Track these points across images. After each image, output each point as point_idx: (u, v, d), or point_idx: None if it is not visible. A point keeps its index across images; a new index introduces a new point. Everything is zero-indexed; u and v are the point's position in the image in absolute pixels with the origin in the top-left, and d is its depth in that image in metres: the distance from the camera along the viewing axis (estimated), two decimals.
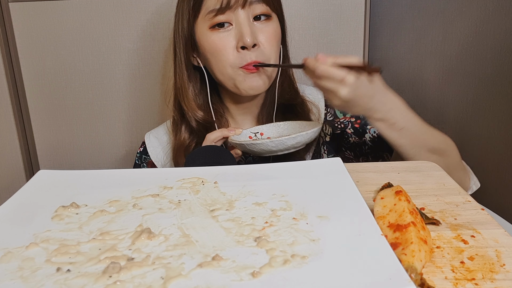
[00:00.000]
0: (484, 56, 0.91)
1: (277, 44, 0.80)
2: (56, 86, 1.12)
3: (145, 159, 0.93)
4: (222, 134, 0.78)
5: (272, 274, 0.34)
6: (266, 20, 0.78)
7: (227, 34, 0.77)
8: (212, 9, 0.75)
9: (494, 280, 0.35)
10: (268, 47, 0.78)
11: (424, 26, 1.05)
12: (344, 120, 0.88)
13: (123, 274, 0.35)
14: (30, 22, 1.07)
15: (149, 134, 0.94)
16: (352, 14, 1.05)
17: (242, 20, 0.76)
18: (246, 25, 0.75)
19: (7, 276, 0.36)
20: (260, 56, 0.77)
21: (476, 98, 0.95)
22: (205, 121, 0.84)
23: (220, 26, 0.76)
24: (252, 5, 0.76)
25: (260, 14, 0.77)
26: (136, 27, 1.08)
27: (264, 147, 0.71)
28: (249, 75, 0.78)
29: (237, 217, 0.44)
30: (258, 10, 0.77)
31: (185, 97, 0.84)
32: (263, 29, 0.78)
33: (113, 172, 0.56)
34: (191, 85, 0.85)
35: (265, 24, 0.78)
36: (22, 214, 0.46)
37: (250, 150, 0.73)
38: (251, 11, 0.76)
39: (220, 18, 0.76)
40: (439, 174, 0.57)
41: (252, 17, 0.77)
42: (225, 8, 0.75)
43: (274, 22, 0.80)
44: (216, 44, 0.77)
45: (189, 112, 0.84)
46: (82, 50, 1.09)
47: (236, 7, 0.75)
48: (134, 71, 1.11)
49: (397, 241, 0.38)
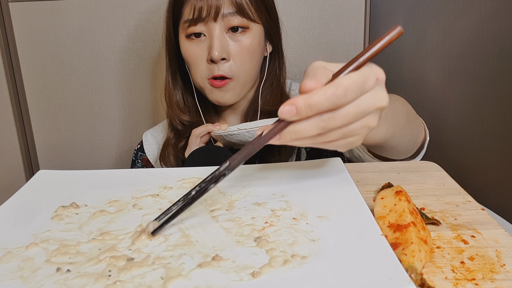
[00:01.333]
0: (484, 56, 0.91)
1: (249, 58, 0.78)
2: (56, 86, 1.12)
3: (140, 155, 0.94)
4: (207, 129, 0.78)
5: (272, 274, 0.34)
6: (242, 32, 0.76)
7: (200, 44, 0.76)
8: (187, 19, 0.75)
9: (494, 280, 0.35)
10: (238, 61, 0.76)
11: (424, 26, 1.05)
12: None
13: (123, 274, 0.35)
14: (30, 22, 1.07)
15: (147, 133, 0.96)
16: (352, 14, 1.05)
17: (214, 32, 0.74)
18: (217, 38, 0.74)
19: (7, 276, 0.36)
20: (227, 71, 0.76)
21: (476, 98, 0.95)
22: (191, 123, 0.85)
23: (196, 36, 0.76)
24: (227, 18, 0.74)
25: (236, 26, 0.75)
26: (136, 27, 1.08)
27: (241, 138, 0.71)
28: (215, 89, 0.78)
29: (237, 217, 0.44)
30: (234, 22, 0.75)
31: (169, 102, 0.85)
32: (236, 42, 0.76)
33: (113, 172, 0.56)
34: (177, 86, 0.85)
35: (241, 37, 0.76)
36: (22, 214, 0.46)
37: (228, 141, 0.73)
38: (225, 23, 0.75)
39: (193, 29, 0.75)
40: (439, 174, 0.57)
41: (226, 29, 0.75)
42: (197, 20, 0.74)
43: (252, 33, 0.77)
44: (190, 53, 0.77)
45: (174, 116, 0.84)
46: (82, 50, 1.09)
47: (208, 20, 0.74)
48: (134, 71, 1.11)
49: (397, 241, 0.38)
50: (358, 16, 1.05)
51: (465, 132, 0.97)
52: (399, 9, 1.08)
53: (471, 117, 0.96)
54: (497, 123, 0.91)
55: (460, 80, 0.98)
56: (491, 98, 0.92)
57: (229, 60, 0.76)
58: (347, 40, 1.06)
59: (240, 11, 0.74)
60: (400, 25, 0.44)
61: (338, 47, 1.07)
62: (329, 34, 1.06)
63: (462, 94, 0.98)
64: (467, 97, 0.97)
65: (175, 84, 0.85)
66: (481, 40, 0.91)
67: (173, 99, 0.85)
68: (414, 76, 1.09)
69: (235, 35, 0.76)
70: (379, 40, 0.41)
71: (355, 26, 1.05)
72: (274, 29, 0.82)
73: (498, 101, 0.90)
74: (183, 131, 0.85)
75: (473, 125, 0.96)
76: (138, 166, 0.94)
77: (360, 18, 1.05)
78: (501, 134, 0.89)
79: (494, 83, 0.90)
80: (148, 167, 0.93)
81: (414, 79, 1.09)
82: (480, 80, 0.93)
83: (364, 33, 1.06)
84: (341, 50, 1.07)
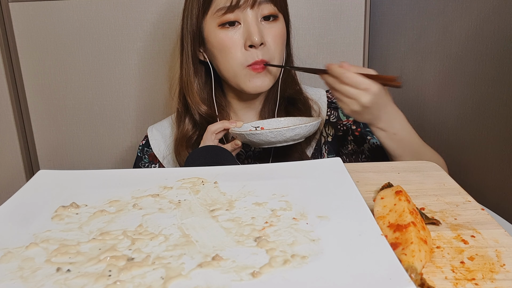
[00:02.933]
0: (484, 56, 0.91)
1: (282, 44, 0.82)
2: (56, 86, 1.12)
3: (147, 151, 0.94)
4: (223, 126, 0.79)
5: (272, 274, 0.34)
6: (273, 20, 0.80)
7: (235, 32, 0.78)
8: (222, 7, 0.76)
9: (494, 280, 0.35)
10: (274, 46, 0.80)
11: (424, 26, 1.05)
12: (347, 123, 0.90)
13: (123, 274, 0.35)
14: (30, 22, 1.07)
15: (152, 128, 0.95)
16: (352, 14, 1.05)
17: (251, 19, 0.77)
18: (254, 24, 0.77)
19: (7, 276, 0.36)
20: (266, 55, 0.79)
21: (476, 98, 0.95)
22: (208, 115, 0.86)
23: (230, 25, 0.78)
24: (261, 5, 0.78)
25: (268, 15, 0.79)
26: (135, 27, 1.08)
27: (263, 138, 0.72)
28: (255, 75, 0.79)
29: (237, 217, 0.44)
30: (266, 11, 0.78)
31: (190, 91, 0.85)
32: (270, 29, 0.79)
33: (113, 172, 0.56)
34: (197, 79, 0.86)
35: (272, 25, 0.80)
36: (22, 214, 0.46)
37: (250, 140, 0.74)
38: (260, 11, 0.78)
39: (229, 17, 0.77)
40: (439, 174, 0.57)
41: (260, 17, 0.78)
42: (234, 7, 0.76)
43: (281, 22, 0.81)
44: (224, 41, 0.78)
45: (193, 105, 0.85)
46: (82, 50, 1.09)
47: (245, 6, 0.76)
48: (134, 71, 1.11)
49: (397, 241, 0.38)
50: (358, 16, 1.05)
51: (465, 132, 0.97)
52: (399, 9, 1.08)
53: (470, 117, 0.96)
54: (497, 123, 0.91)
55: (459, 80, 0.98)
56: (491, 98, 0.92)
57: (265, 45, 0.79)
58: (347, 40, 1.06)
59: (273, 0, 0.79)
60: (400, 79, 0.67)
61: (338, 47, 1.07)
62: (329, 34, 1.06)
63: (462, 94, 0.98)
64: (467, 97, 0.97)
65: (196, 75, 0.86)
66: (480, 40, 0.91)
67: (194, 89, 0.85)
68: (414, 76, 1.09)
69: (267, 23, 0.80)
70: (380, 76, 0.68)
71: (355, 26, 1.05)
72: (288, 23, 0.86)
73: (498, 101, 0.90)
74: (200, 122, 0.86)
75: (473, 125, 0.96)
76: (145, 162, 0.93)
77: (360, 18, 1.05)
78: (501, 134, 0.89)
79: (494, 83, 0.90)
80: (155, 163, 0.92)
81: (414, 79, 1.09)
82: (480, 80, 0.93)
83: (364, 33, 1.06)
84: (341, 50, 1.07)
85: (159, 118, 1.12)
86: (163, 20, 1.06)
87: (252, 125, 0.84)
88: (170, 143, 0.91)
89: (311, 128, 0.73)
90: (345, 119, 0.90)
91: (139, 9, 1.06)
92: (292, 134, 0.72)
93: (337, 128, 0.90)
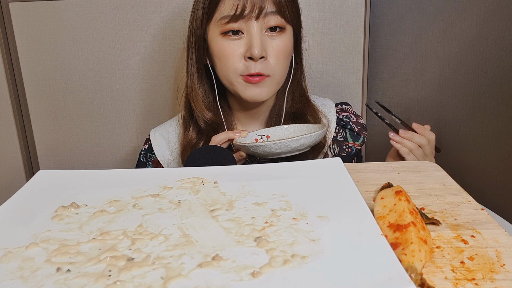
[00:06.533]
0: (484, 56, 0.91)
1: (285, 58, 0.79)
2: (56, 86, 1.12)
3: (150, 157, 0.92)
4: (227, 137, 0.78)
5: (272, 274, 0.34)
6: (279, 32, 0.77)
7: (236, 42, 0.76)
8: (226, 15, 0.74)
9: (494, 280, 0.35)
10: (275, 61, 0.77)
11: (424, 26, 1.05)
12: (352, 146, 0.89)
13: (123, 274, 0.35)
14: (30, 22, 1.07)
15: (155, 131, 0.93)
16: (352, 14, 1.04)
17: (255, 31, 0.74)
18: (257, 36, 0.74)
19: (7, 276, 0.36)
20: (265, 69, 0.76)
21: (476, 98, 0.95)
22: (213, 122, 0.84)
23: (233, 33, 0.76)
24: (267, 17, 0.74)
25: (275, 26, 0.76)
26: (135, 27, 1.08)
27: (267, 149, 0.71)
28: (250, 85, 0.77)
29: (237, 217, 0.44)
30: (272, 22, 0.75)
31: (195, 97, 0.84)
32: (273, 42, 0.76)
33: (113, 172, 0.56)
34: (202, 84, 0.84)
35: (277, 37, 0.77)
36: (22, 214, 0.46)
37: (254, 152, 0.73)
38: (265, 22, 0.75)
39: (232, 26, 0.75)
40: (439, 174, 0.57)
41: (265, 28, 0.76)
42: (238, 17, 0.73)
43: (287, 34, 0.78)
44: (225, 50, 0.76)
45: (198, 112, 0.83)
46: (82, 50, 1.09)
47: (250, 17, 0.74)
48: (134, 71, 1.11)
49: (397, 241, 0.38)
50: (358, 16, 1.05)
51: (465, 132, 0.97)
52: (399, 9, 1.08)
53: (471, 117, 0.96)
54: (497, 123, 0.91)
55: (459, 80, 0.98)
56: (490, 97, 0.92)
57: (266, 59, 0.76)
58: (347, 40, 1.06)
59: (280, 11, 0.75)
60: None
61: (338, 47, 1.07)
62: (329, 34, 1.06)
63: (462, 94, 0.98)
64: (467, 97, 0.97)
65: (200, 80, 0.84)
66: (481, 40, 0.91)
67: (199, 95, 0.83)
68: (414, 76, 1.09)
69: (273, 35, 0.76)
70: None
71: (355, 26, 1.05)
72: (300, 33, 0.83)
73: (497, 101, 0.90)
74: (205, 129, 0.84)
75: (473, 125, 0.96)
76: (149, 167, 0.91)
77: (360, 18, 1.05)
78: (501, 134, 0.89)
79: (494, 83, 0.90)
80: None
81: (414, 79, 1.09)
82: (480, 80, 0.93)
83: (364, 33, 1.06)
84: (341, 50, 1.07)
85: (159, 118, 1.13)
86: (164, 20, 1.06)
87: (257, 134, 0.83)
88: (175, 149, 0.89)
89: (316, 137, 0.72)
90: (352, 141, 0.88)
91: (139, 9, 1.06)
92: (297, 145, 0.70)
93: (341, 147, 0.88)
